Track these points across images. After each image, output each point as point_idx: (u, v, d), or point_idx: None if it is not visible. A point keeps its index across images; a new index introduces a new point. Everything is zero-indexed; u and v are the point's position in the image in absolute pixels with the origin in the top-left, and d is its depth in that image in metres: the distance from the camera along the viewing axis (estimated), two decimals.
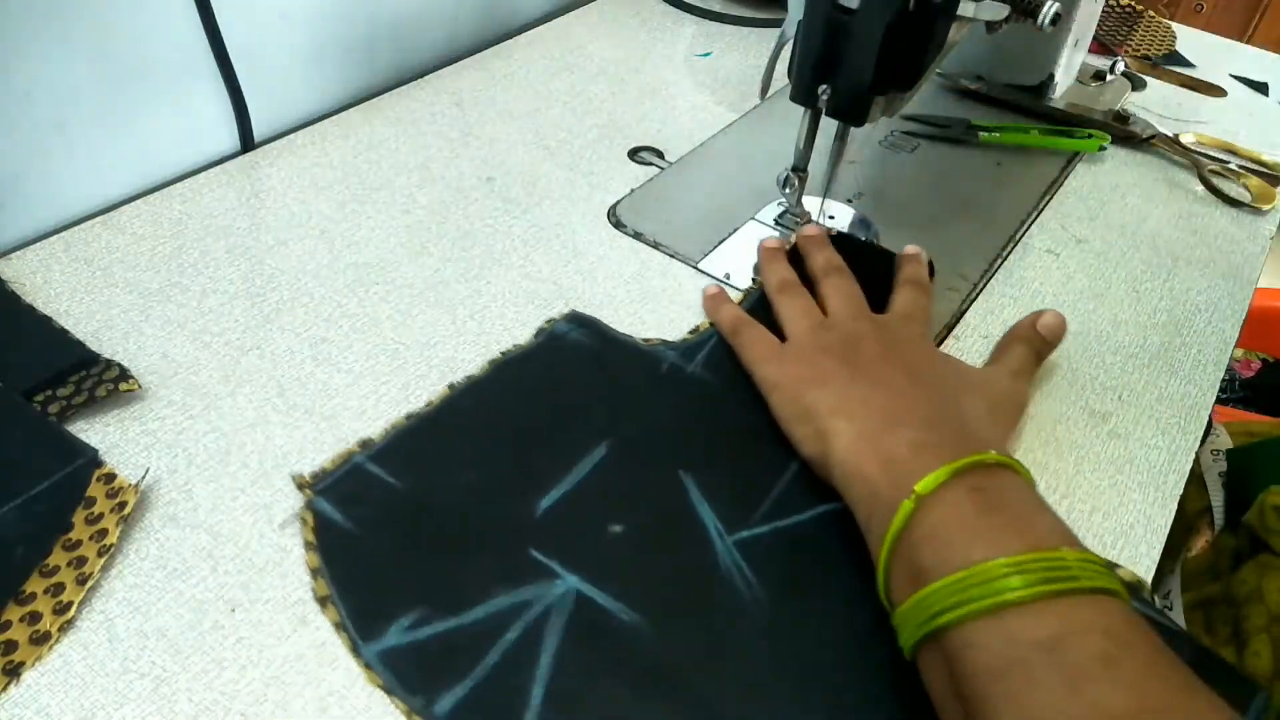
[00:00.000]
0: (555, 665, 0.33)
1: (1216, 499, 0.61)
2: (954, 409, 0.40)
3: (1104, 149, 0.67)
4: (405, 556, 0.36)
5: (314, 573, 0.35)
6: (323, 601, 0.34)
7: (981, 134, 0.66)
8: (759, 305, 0.49)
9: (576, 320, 0.48)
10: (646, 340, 0.47)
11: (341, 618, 0.34)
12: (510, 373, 0.44)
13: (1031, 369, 0.46)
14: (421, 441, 0.40)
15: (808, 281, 0.49)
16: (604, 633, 0.34)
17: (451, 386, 0.43)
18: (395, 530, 0.37)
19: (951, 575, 0.31)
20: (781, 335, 0.46)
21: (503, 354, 0.45)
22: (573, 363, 0.45)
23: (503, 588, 0.35)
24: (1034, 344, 0.46)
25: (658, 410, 0.43)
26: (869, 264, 0.50)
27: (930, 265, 0.51)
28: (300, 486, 0.38)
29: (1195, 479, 0.61)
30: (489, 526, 0.37)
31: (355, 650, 0.33)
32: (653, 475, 0.40)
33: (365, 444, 0.40)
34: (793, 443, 0.41)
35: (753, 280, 0.52)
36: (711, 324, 0.48)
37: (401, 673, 0.32)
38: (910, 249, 0.51)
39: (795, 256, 0.51)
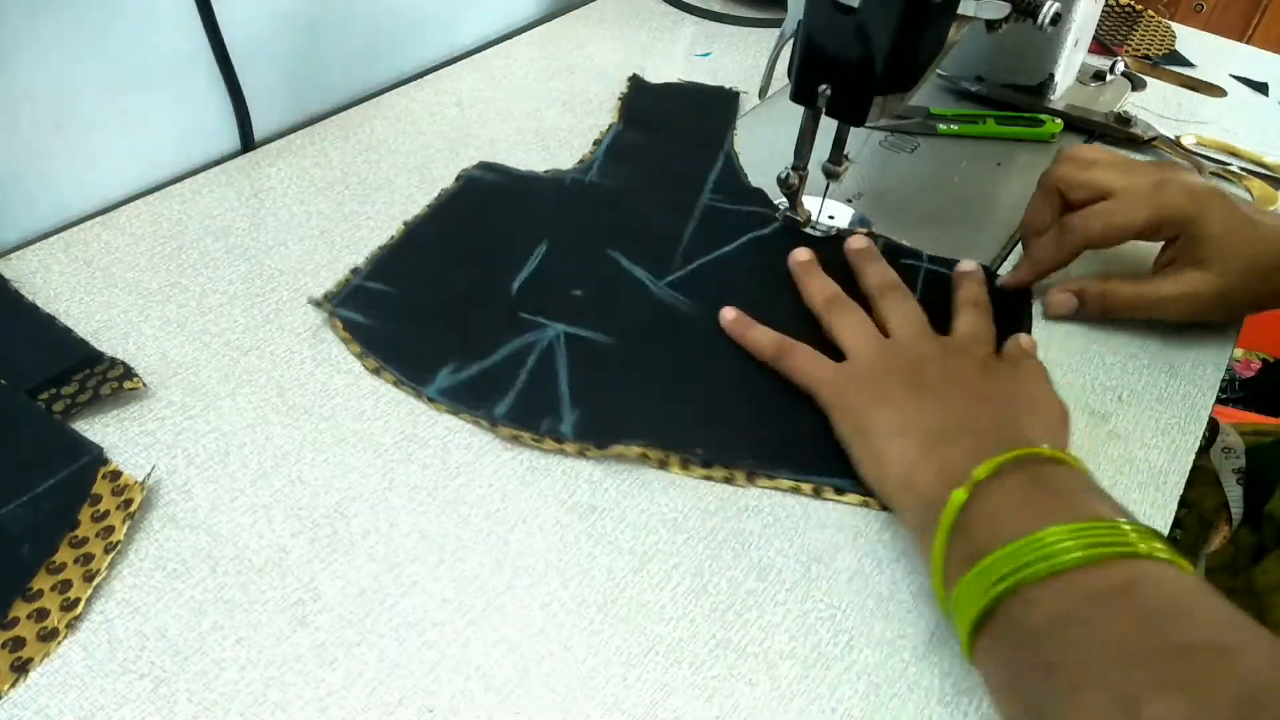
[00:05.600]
0: (569, 371, 0.45)
1: (1234, 495, 0.61)
2: (1004, 419, 0.39)
3: (1055, 137, 0.67)
4: (425, 333, 0.46)
5: (359, 356, 0.45)
6: (376, 371, 0.44)
7: (939, 127, 0.67)
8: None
9: (486, 167, 0.58)
10: (545, 171, 0.59)
11: (397, 377, 0.44)
12: (446, 209, 0.55)
13: None
14: (399, 263, 0.50)
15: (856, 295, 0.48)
16: (593, 350, 0.46)
17: (406, 223, 0.53)
18: (407, 319, 0.47)
19: (1007, 546, 0.31)
20: (830, 351, 0.45)
21: (435, 199, 0.55)
22: (495, 194, 0.56)
23: (509, 336, 0.46)
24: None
25: (576, 211, 0.56)
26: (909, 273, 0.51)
27: (989, 273, 0.52)
28: (319, 304, 0.47)
29: (1209, 477, 0.62)
30: (480, 303, 0.48)
31: (419, 394, 0.43)
32: (589, 256, 0.52)
33: (355, 271, 0.49)
34: (853, 464, 0.41)
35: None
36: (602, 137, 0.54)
37: (460, 400, 0.43)
38: (965, 266, 0.51)
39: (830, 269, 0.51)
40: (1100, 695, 0.27)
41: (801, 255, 0.51)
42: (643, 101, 0.67)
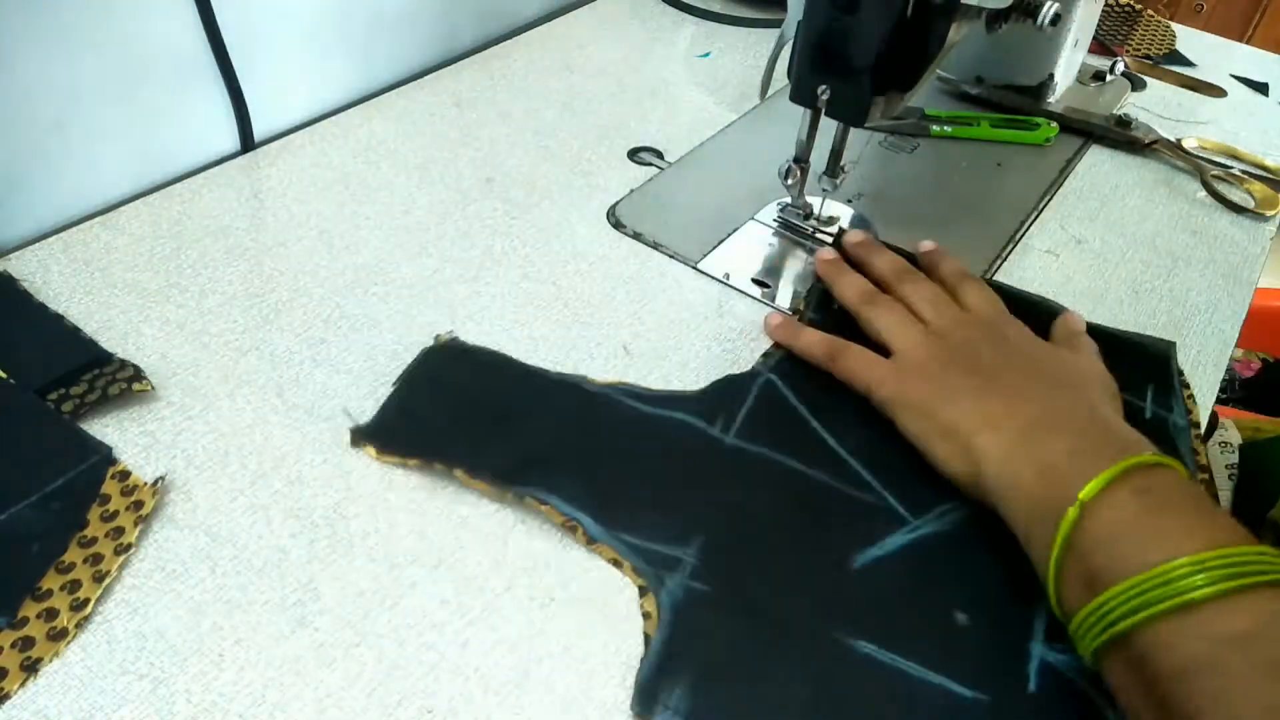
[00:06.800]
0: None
1: (1225, 492, 0.60)
2: (1089, 408, 0.40)
3: (1050, 141, 0.67)
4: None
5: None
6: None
7: (933, 128, 0.67)
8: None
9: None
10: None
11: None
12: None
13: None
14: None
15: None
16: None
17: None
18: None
19: (1129, 579, 0.31)
20: (874, 347, 0.45)
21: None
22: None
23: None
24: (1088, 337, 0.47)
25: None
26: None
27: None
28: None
29: (1202, 472, 0.61)
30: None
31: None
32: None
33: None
34: (932, 461, 0.41)
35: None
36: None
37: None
38: (926, 245, 0.51)
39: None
40: None
41: (826, 254, 0.51)
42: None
